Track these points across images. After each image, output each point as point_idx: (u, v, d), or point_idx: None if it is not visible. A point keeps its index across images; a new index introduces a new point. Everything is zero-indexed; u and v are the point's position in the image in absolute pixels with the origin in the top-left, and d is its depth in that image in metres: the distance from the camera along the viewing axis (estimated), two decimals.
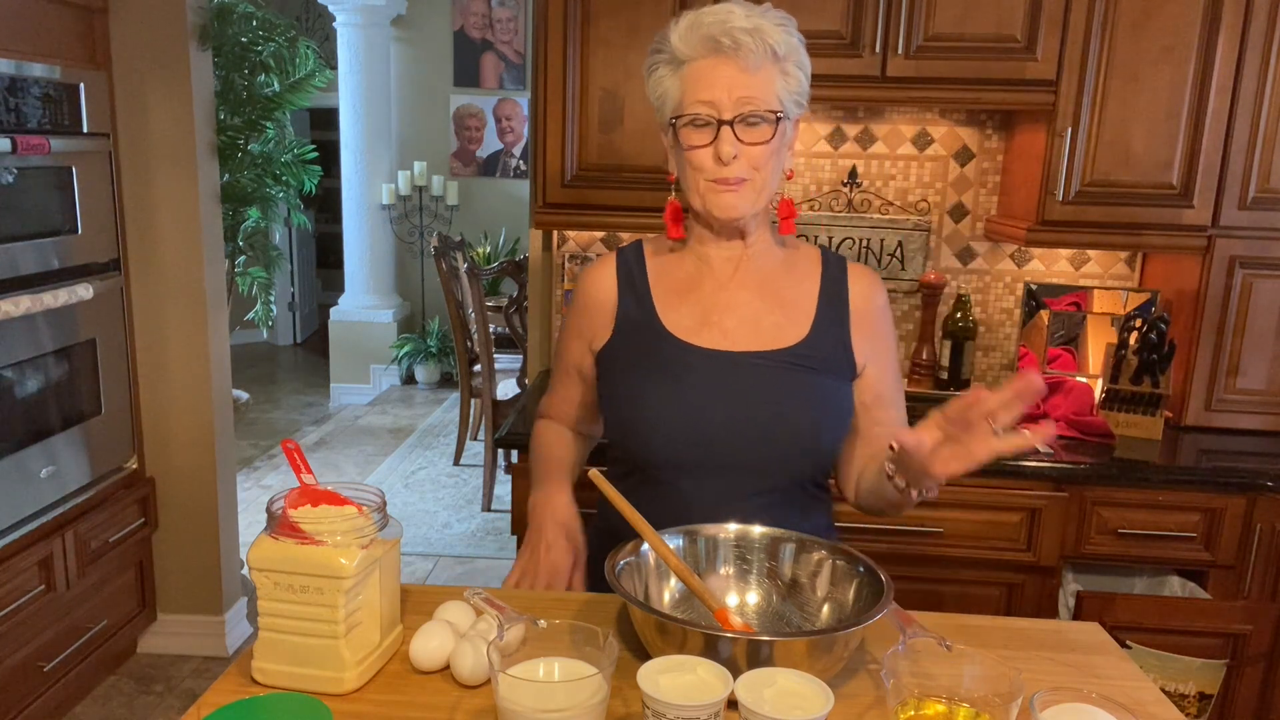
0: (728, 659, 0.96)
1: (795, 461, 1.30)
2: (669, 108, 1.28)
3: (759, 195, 1.27)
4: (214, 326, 2.95)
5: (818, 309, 1.34)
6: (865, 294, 1.36)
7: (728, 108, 1.22)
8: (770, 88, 1.23)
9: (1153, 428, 2.27)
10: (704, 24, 1.22)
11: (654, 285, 1.36)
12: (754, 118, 1.22)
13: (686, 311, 1.34)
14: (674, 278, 1.36)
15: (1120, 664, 1.18)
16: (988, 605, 2.14)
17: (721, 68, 1.22)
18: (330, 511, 1.04)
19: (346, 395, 6.34)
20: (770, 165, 1.25)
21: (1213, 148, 2.19)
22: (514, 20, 6.46)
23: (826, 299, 1.35)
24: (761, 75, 1.22)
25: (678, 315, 1.34)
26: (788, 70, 1.24)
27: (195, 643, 3.07)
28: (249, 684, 1.05)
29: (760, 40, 1.20)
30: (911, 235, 2.57)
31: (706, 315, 1.33)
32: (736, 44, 1.20)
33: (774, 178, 1.28)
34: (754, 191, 1.26)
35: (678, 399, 1.28)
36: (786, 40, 1.23)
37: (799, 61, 1.26)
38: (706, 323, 1.32)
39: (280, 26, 3.50)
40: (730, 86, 1.22)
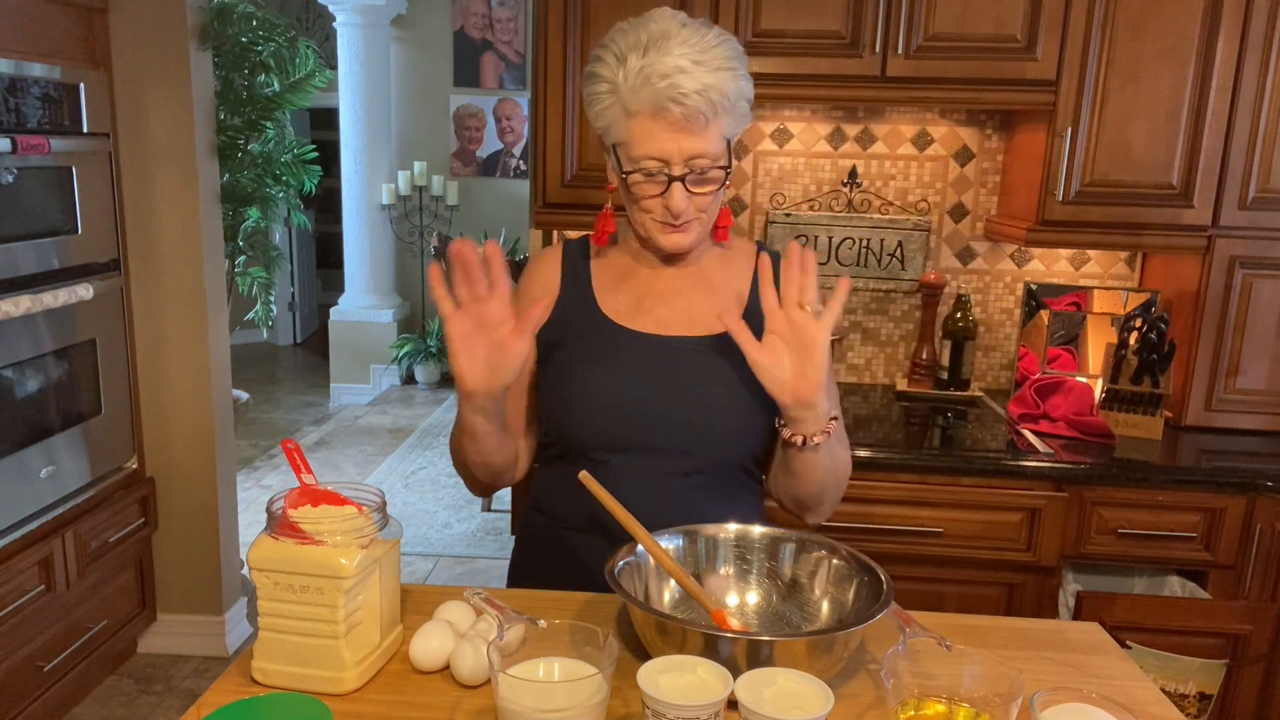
0: (728, 659, 0.96)
1: (723, 445, 1.33)
2: (612, 138, 1.27)
3: (704, 229, 1.31)
4: (214, 326, 2.95)
5: (750, 298, 1.37)
6: None
7: (678, 164, 1.22)
8: (716, 138, 1.23)
9: (1153, 428, 2.27)
10: (654, 80, 1.19)
11: (595, 273, 1.40)
12: (704, 174, 1.24)
13: (623, 297, 1.37)
14: (614, 266, 1.40)
15: (1120, 664, 1.18)
16: (988, 605, 2.14)
17: (671, 128, 1.21)
18: (330, 511, 1.04)
19: (346, 395, 6.34)
20: (716, 201, 1.29)
21: (1213, 148, 2.19)
22: (514, 20, 6.46)
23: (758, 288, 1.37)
24: (710, 129, 1.22)
25: (614, 301, 1.37)
26: (737, 109, 1.25)
27: (195, 643, 3.07)
28: (249, 684, 1.05)
29: (709, 100, 1.19)
30: (911, 235, 2.57)
31: (641, 301, 1.36)
32: (687, 110, 1.19)
33: (718, 208, 1.32)
34: (700, 228, 1.30)
35: (608, 379, 1.31)
36: (737, 88, 1.22)
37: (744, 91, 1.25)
38: (640, 308, 1.36)
39: (280, 26, 3.50)
40: (679, 147, 1.22)
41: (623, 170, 1.27)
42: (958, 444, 2.29)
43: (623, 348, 1.33)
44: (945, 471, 2.10)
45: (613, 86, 1.23)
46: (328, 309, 6.57)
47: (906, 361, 2.65)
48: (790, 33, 2.17)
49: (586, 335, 1.35)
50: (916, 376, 2.58)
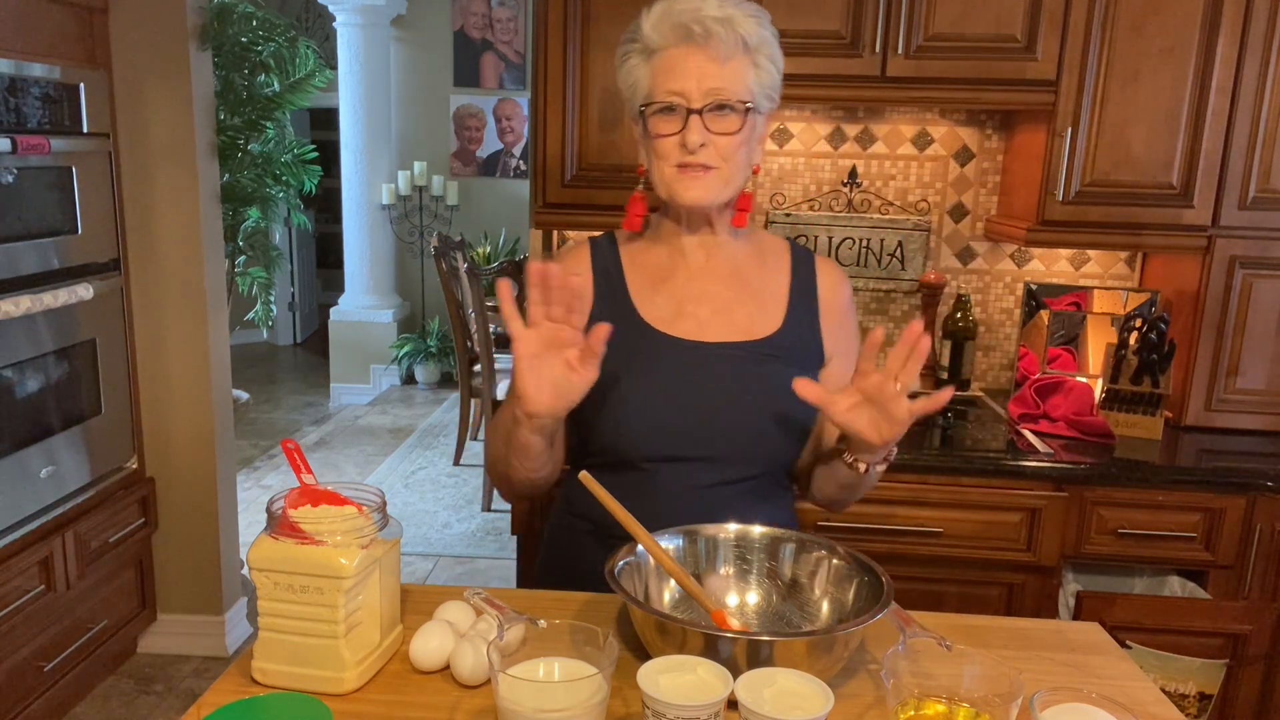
0: (728, 659, 0.96)
1: (766, 452, 1.32)
2: (639, 96, 1.28)
3: (725, 185, 1.27)
4: (214, 326, 2.95)
5: (789, 301, 1.36)
6: (833, 287, 1.39)
7: (697, 97, 1.22)
8: (741, 78, 1.23)
9: (1153, 428, 2.27)
10: (675, 12, 1.22)
11: (629, 274, 1.37)
12: (723, 107, 1.23)
13: (661, 301, 1.35)
14: (648, 268, 1.37)
15: (1120, 664, 1.18)
16: (988, 605, 2.14)
17: (692, 57, 1.22)
18: (330, 511, 1.04)
19: (346, 395, 6.34)
20: (738, 156, 1.26)
21: (1213, 148, 2.19)
22: (514, 20, 6.46)
23: (797, 291, 1.37)
24: (732, 65, 1.22)
25: (653, 305, 1.35)
26: (759, 63, 1.25)
27: (195, 643, 3.07)
28: (249, 684, 1.05)
29: (732, 30, 1.20)
30: (911, 235, 2.57)
31: (681, 305, 1.34)
32: (708, 32, 1.20)
33: (742, 169, 1.28)
34: (720, 181, 1.26)
35: (652, 388, 1.29)
36: (759, 32, 1.23)
37: (771, 55, 1.26)
38: (681, 313, 1.34)
39: (280, 26, 3.50)
40: (700, 76, 1.22)
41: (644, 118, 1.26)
42: (958, 444, 2.29)
43: (665, 356, 1.31)
44: (945, 471, 2.09)
45: (642, 43, 1.26)
46: (328, 309, 6.57)
47: None
48: (790, 33, 2.16)
49: (627, 343, 1.30)
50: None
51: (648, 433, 1.29)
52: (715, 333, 1.33)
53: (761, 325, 1.34)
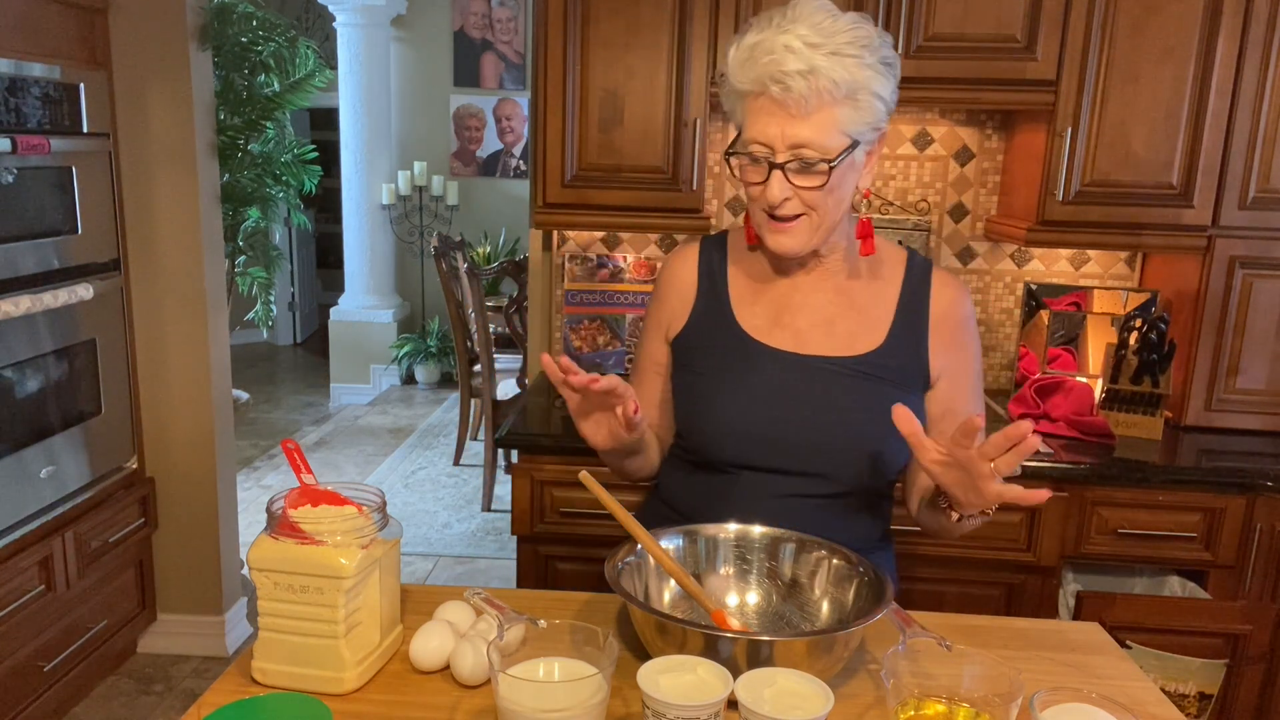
0: (728, 659, 0.96)
1: (856, 471, 1.28)
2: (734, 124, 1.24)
3: (816, 231, 1.23)
4: (214, 326, 2.95)
5: (895, 316, 1.30)
6: (948, 303, 1.32)
7: (781, 150, 1.17)
8: (828, 129, 1.15)
9: (1153, 428, 2.27)
10: (758, 61, 1.15)
11: (732, 279, 1.35)
12: (806, 164, 1.17)
13: (760, 309, 1.32)
14: (751, 273, 1.35)
15: (1120, 664, 1.18)
16: (988, 605, 2.14)
17: (775, 110, 1.16)
18: (330, 511, 1.04)
19: (346, 395, 6.34)
20: (828, 202, 1.20)
21: (1213, 148, 2.19)
22: (514, 20, 6.46)
23: (905, 306, 1.31)
24: (818, 118, 1.15)
25: (751, 312, 1.32)
26: (858, 100, 1.16)
27: (195, 643, 3.07)
28: (249, 684, 1.05)
29: (816, 82, 1.12)
30: (911, 235, 2.57)
31: (779, 315, 1.31)
32: (788, 90, 1.13)
33: (835, 211, 1.22)
34: (810, 228, 1.22)
35: (743, 397, 1.28)
36: (854, 75, 1.14)
37: (875, 90, 1.16)
38: (779, 323, 1.31)
39: (280, 26, 3.51)
40: (783, 132, 1.16)
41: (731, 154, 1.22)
42: None
43: (759, 366, 1.29)
44: None
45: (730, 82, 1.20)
46: (328, 309, 6.57)
47: None
48: None
49: (722, 349, 1.31)
50: None
51: (731, 439, 1.28)
52: (812, 345, 1.29)
53: (862, 341, 1.29)
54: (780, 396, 1.27)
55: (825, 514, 1.27)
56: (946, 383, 1.31)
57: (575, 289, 2.62)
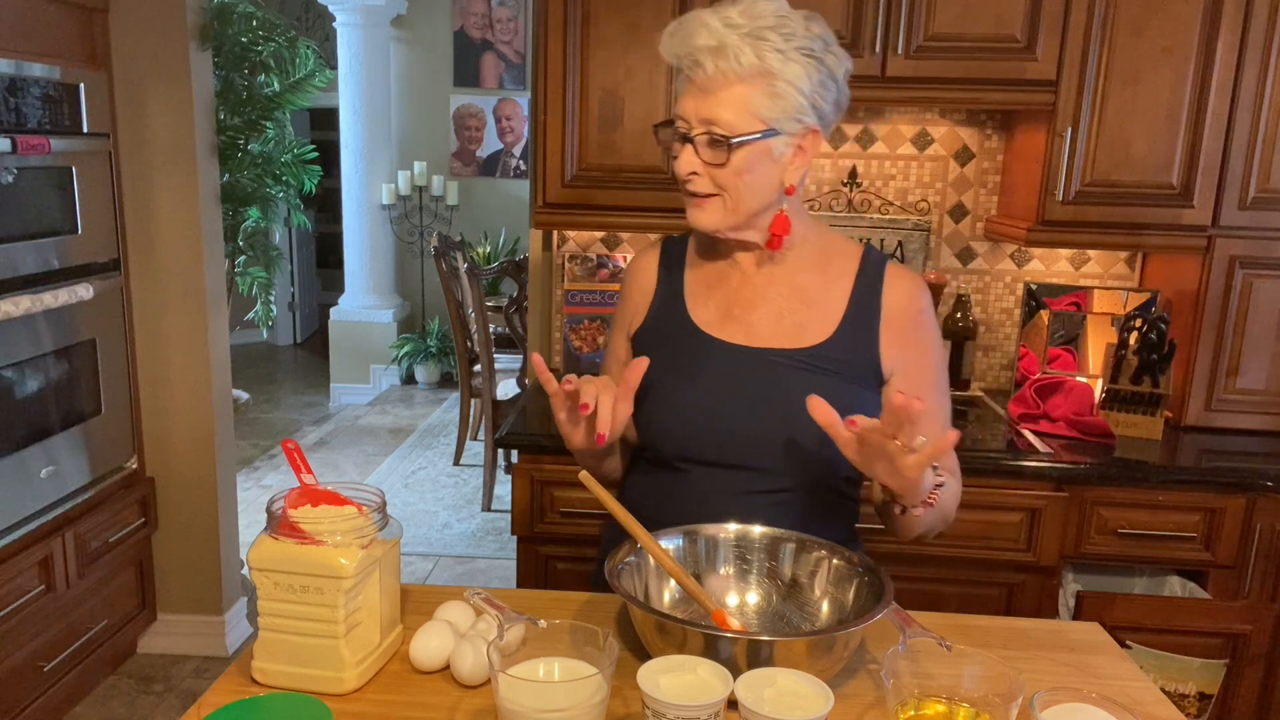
0: (728, 659, 0.96)
1: (807, 465, 1.27)
2: None
3: (731, 213, 1.23)
4: (214, 326, 2.95)
5: (846, 310, 1.30)
6: (902, 298, 1.31)
7: (695, 124, 1.20)
8: (738, 109, 1.17)
9: (1153, 428, 2.27)
10: (677, 36, 1.19)
11: (689, 275, 1.37)
12: (712, 140, 1.19)
13: (713, 304, 1.33)
14: (706, 270, 1.36)
15: (1120, 664, 1.18)
16: (988, 605, 2.14)
17: (689, 85, 1.20)
18: (330, 511, 1.04)
19: (346, 395, 6.34)
20: (739, 184, 1.21)
21: (1213, 148, 2.19)
22: (514, 20, 6.46)
23: (857, 301, 1.30)
24: (727, 94, 1.17)
25: (704, 307, 1.34)
26: (775, 88, 1.16)
27: (195, 643, 3.07)
28: (249, 684, 1.05)
29: (724, 60, 1.15)
30: (911, 235, 2.57)
31: (730, 309, 1.32)
32: (697, 64, 1.17)
33: (750, 197, 1.22)
34: (723, 209, 1.23)
35: (693, 391, 1.28)
36: (763, 60, 1.15)
37: (790, 77, 1.16)
38: (730, 316, 1.32)
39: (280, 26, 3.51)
40: (696, 105, 1.19)
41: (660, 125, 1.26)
42: (958, 444, 2.29)
43: (711, 360, 1.29)
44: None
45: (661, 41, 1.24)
46: (328, 309, 6.57)
47: None
48: None
49: (676, 344, 1.32)
50: None
51: (683, 434, 1.28)
52: (762, 337, 1.29)
53: (811, 333, 1.29)
54: (727, 388, 1.28)
55: (780, 511, 1.26)
56: (901, 378, 1.30)
57: (575, 289, 2.62)
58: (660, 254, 1.40)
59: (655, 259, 1.40)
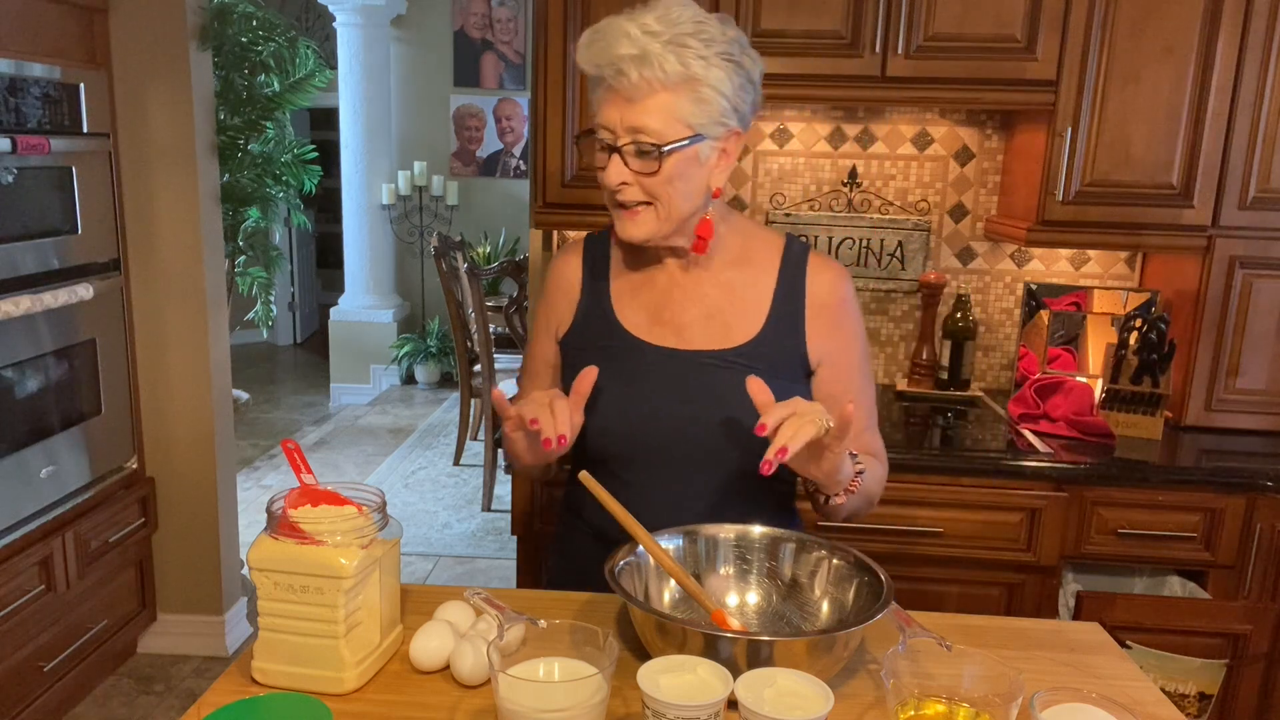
0: (728, 659, 0.96)
1: (747, 460, 1.26)
2: None
3: (663, 221, 1.23)
4: (214, 326, 2.95)
5: (772, 304, 1.31)
6: (826, 286, 1.32)
7: (621, 134, 1.18)
8: (664, 117, 1.16)
9: (1153, 428, 2.27)
10: (596, 46, 1.17)
11: (614, 277, 1.36)
12: (640, 149, 1.18)
13: (640, 307, 1.33)
14: (632, 272, 1.36)
15: (1120, 664, 1.18)
16: (988, 605, 2.14)
17: (612, 94, 1.18)
18: (330, 511, 1.04)
19: (346, 395, 6.34)
20: (671, 191, 1.20)
21: (1213, 148, 2.19)
22: (514, 20, 6.46)
23: (782, 293, 1.32)
24: (653, 102, 1.16)
25: (632, 310, 1.33)
26: (699, 93, 1.16)
27: (195, 643, 3.07)
28: (249, 684, 1.05)
29: (646, 70, 1.14)
30: (911, 235, 2.57)
31: (659, 312, 1.32)
32: (620, 73, 1.15)
33: (682, 202, 1.22)
34: (656, 218, 1.23)
35: (628, 397, 1.29)
36: (687, 67, 1.14)
37: (720, 80, 1.17)
38: (659, 320, 1.32)
39: (280, 26, 3.50)
40: (620, 115, 1.17)
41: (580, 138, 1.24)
42: (958, 444, 2.29)
43: (644, 365, 1.29)
44: (945, 471, 2.09)
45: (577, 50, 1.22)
46: (328, 309, 6.57)
47: (906, 361, 2.65)
48: (790, 33, 2.17)
49: (605, 349, 1.31)
50: (916, 376, 2.58)
51: (621, 439, 1.29)
52: (691, 340, 1.30)
53: (739, 331, 1.30)
54: (661, 394, 1.28)
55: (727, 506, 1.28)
56: (827, 369, 1.32)
57: None
58: (583, 254, 1.39)
59: (578, 260, 1.39)
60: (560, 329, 1.39)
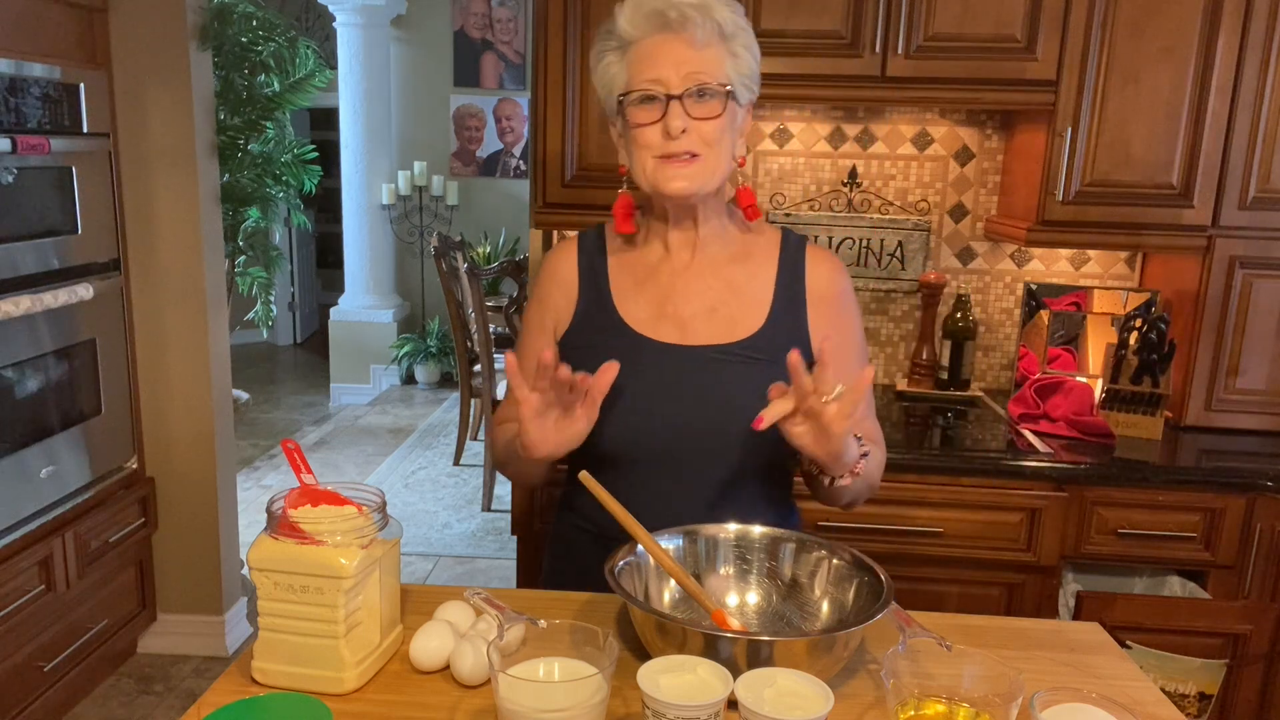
0: (728, 659, 0.96)
1: (752, 455, 1.29)
2: (616, 90, 1.27)
3: (710, 174, 1.26)
4: (214, 326, 2.95)
5: (774, 297, 1.33)
6: (825, 278, 1.35)
7: (676, 83, 1.21)
8: (719, 64, 1.23)
9: (1153, 428, 2.27)
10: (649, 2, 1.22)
11: (613, 274, 1.36)
12: (704, 92, 1.22)
13: (643, 302, 1.33)
14: (632, 267, 1.36)
15: (1120, 664, 1.18)
16: (988, 605, 2.14)
17: (669, 43, 1.22)
18: (330, 511, 1.04)
19: (346, 395, 6.34)
20: (722, 142, 1.24)
21: (1213, 148, 2.19)
22: (514, 20, 6.46)
23: (783, 285, 1.33)
24: (710, 51, 1.22)
25: (635, 306, 1.33)
26: (736, 51, 1.24)
27: (195, 643, 3.07)
28: (249, 684, 1.05)
29: (707, 17, 1.21)
30: (911, 235, 2.57)
31: (662, 307, 1.33)
32: (684, 18, 1.20)
33: (726, 157, 1.26)
34: (705, 170, 1.25)
35: (634, 394, 1.28)
36: (734, 20, 1.23)
37: (747, 44, 1.26)
38: (662, 314, 1.32)
39: (280, 26, 3.51)
40: (678, 62, 1.21)
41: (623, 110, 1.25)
42: (958, 444, 2.29)
43: (647, 360, 1.30)
44: (945, 471, 2.09)
45: (617, 39, 1.25)
46: (328, 309, 6.57)
47: (906, 361, 2.65)
48: (790, 33, 2.17)
49: (609, 346, 1.31)
50: (916, 376, 2.58)
51: (624, 437, 1.29)
52: (696, 335, 1.31)
53: (744, 325, 1.31)
54: (668, 389, 1.28)
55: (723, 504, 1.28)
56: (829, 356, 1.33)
57: None
58: (578, 251, 1.39)
59: (573, 256, 1.39)
60: (559, 327, 1.38)
